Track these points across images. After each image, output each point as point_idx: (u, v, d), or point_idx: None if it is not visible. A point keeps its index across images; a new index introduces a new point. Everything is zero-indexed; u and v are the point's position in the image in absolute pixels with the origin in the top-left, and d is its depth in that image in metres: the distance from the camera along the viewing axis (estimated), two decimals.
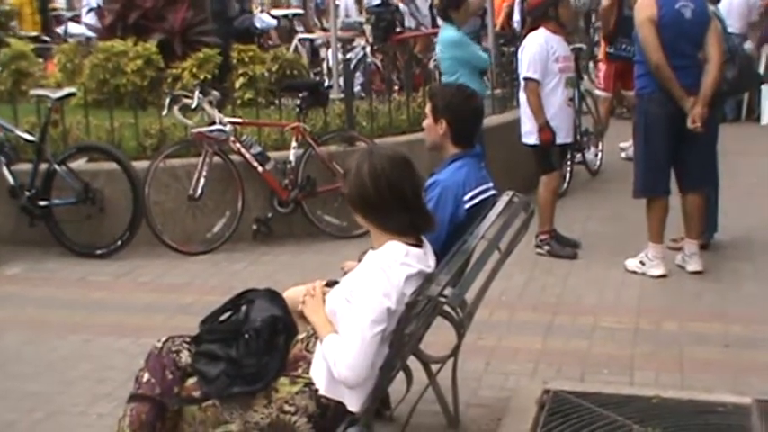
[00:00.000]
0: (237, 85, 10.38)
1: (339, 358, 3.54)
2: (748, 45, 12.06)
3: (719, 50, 6.99)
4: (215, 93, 8.49)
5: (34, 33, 14.09)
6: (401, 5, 15.16)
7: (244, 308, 3.94)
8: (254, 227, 8.37)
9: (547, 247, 7.79)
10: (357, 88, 11.76)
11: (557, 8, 7.80)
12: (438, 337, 4.50)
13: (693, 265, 7.16)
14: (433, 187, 4.69)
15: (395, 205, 3.74)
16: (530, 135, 7.82)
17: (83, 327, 6.42)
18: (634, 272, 7.20)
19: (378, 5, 14.58)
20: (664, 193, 7.18)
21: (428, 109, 4.98)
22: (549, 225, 7.85)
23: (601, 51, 11.19)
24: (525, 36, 8.24)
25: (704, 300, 6.65)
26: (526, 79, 7.76)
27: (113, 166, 8.08)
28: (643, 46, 7.02)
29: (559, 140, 7.79)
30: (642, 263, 7.19)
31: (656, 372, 5.43)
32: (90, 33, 12.58)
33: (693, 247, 7.22)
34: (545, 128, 7.66)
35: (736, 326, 6.08)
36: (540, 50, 7.71)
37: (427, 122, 4.97)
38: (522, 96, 7.87)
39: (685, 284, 6.98)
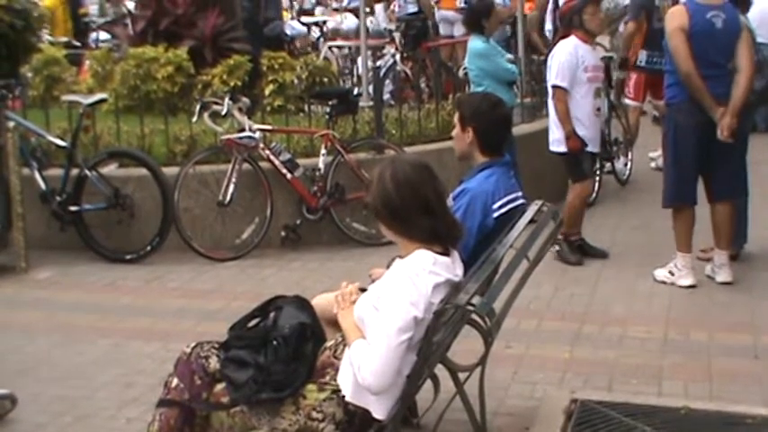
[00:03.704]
0: (267, 91, 10.40)
1: (363, 364, 3.54)
2: None
3: (750, 61, 6.96)
4: (245, 99, 8.52)
5: (65, 39, 14.15)
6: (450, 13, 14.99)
7: (272, 315, 3.95)
8: (283, 233, 8.39)
9: (557, 248, 7.73)
10: (386, 96, 11.78)
11: (581, 16, 7.79)
12: (465, 345, 4.50)
13: (723, 276, 7.12)
14: (462, 195, 4.70)
15: (419, 211, 3.72)
16: (558, 143, 7.80)
17: (112, 331, 6.46)
18: (663, 282, 7.16)
19: (411, 14, 14.56)
20: (691, 202, 7.16)
21: (456, 118, 5.00)
22: (569, 228, 7.77)
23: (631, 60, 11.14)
24: (555, 44, 8.23)
25: (733, 310, 6.61)
26: (554, 87, 7.75)
27: (143, 171, 8.13)
28: (673, 55, 6.99)
29: (586, 150, 7.79)
30: (671, 273, 7.16)
31: (684, 382, 5.40)
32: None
33: (723, 257, 7.18)
34: (572, 136, 7.64)
35: (765, 337, 6.04)
36: (569, 59, 7.70)
37: (456, 131, 4.99)
38: (551, 104, 7.87)
39: (715, 295, 6.94)
